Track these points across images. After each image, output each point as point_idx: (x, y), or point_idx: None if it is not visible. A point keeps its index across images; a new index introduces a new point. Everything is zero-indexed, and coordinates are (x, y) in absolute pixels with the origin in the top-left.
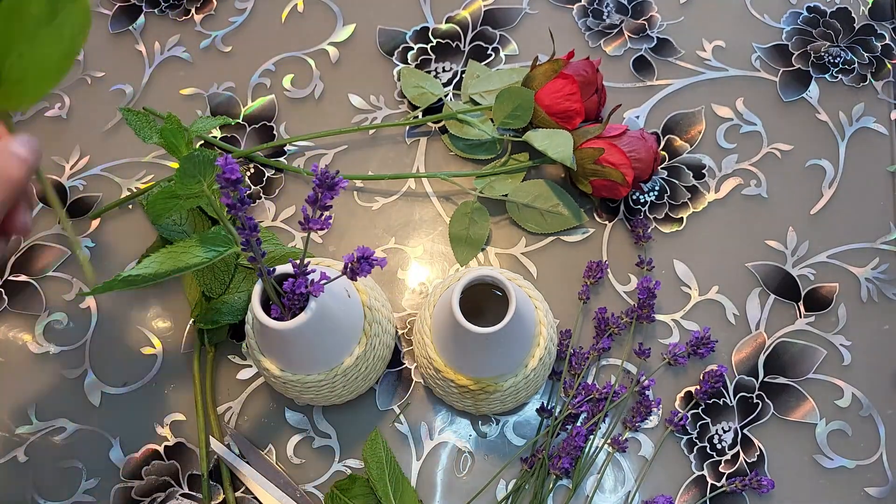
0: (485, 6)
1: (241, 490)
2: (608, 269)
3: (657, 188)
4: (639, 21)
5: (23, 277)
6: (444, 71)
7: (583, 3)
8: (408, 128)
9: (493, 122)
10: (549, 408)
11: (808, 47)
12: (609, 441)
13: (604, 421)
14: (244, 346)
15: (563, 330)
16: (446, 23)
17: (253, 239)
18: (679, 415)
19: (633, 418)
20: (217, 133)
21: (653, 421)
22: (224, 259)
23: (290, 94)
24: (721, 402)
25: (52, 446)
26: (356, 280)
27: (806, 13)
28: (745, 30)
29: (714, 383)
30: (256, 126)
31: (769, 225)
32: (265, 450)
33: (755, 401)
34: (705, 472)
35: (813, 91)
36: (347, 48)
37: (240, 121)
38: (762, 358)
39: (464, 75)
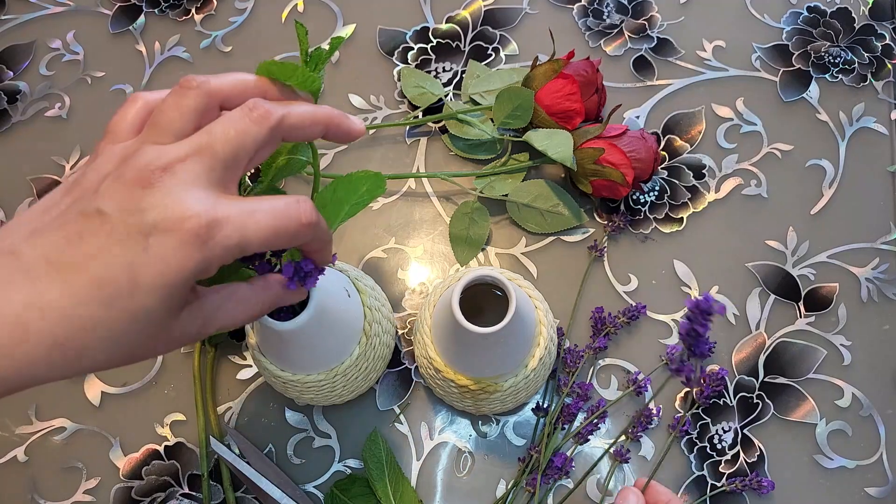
0: (485, 6)
1: (241, 490)
2: (608, 269)
3: (657, 188)
4: (639, 21)
5: None
6: (444, 71)
7: (583, 3)
8: (408, 128)
9: (493, 122)
10: (544, 406)
11: (809, 47)
12: (611, 452)
13: (603, 421)
14: (244, 346)
15: (559, 327)
16: (446, 23)
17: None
18: (682, 420)
19: (634, 429)
20: None
21: (653, 421)
22: None
23: None
24: (721, 402)
25: (52, 446)
26: (305, 287)
27: (806, 13)
28: (745, 30)
29: (715, 386)
30: None
31: (769, 225)
32: (265, 450)
33: (755, 401)
34: (705, 472)
35: (813, 91)
36: (347, 48)
37: None
38: (762, 358)
39: (464, 75)
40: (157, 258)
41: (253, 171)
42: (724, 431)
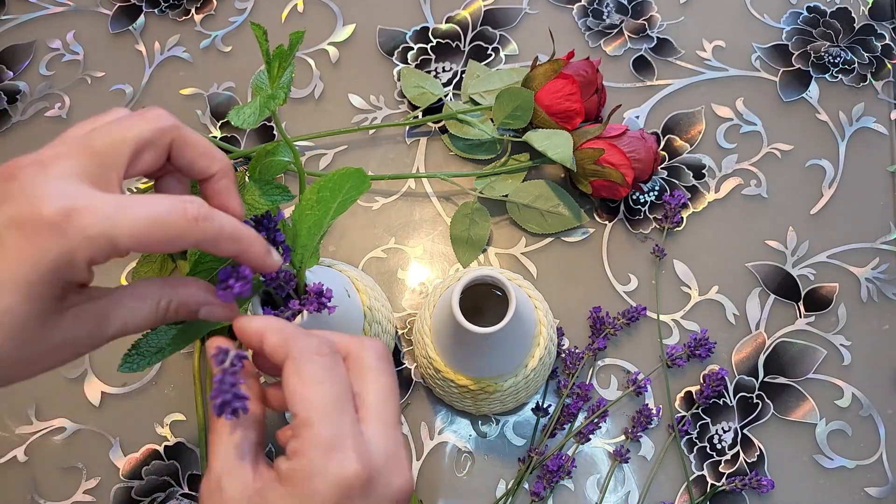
0: (485, 6)
1: None
2: (608, 269)
3: (657, 188)
4: (639, 21)
5: None
6: (444, 71)
7: (583, 3)
8: (408, 128)
9: (493, 122)
10: (544, 406)
11: (808, 47)
12: (611, 452)
13: (603, 420)
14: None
15: (559, 328)
16: (446, 23)
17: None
18: (682, 420)
19: (634, 428)
20: (217, 133)
21: (653, 421)
22: (223, 259)
23: (290, 93)
24: (721, 402)
25: (52, 446)
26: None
27: (806, 13)
28: (745, 30)
29: (715, 386)
30: (256, 126)
31: (769, 225)
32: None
33: (755, 401)
34: (705, 472)
35: (813, 91)
36: (347, 48)
37: None
38: (762, 358)
39: (464, 75)
40: (11, 252)
41: None
42: (724, 431)
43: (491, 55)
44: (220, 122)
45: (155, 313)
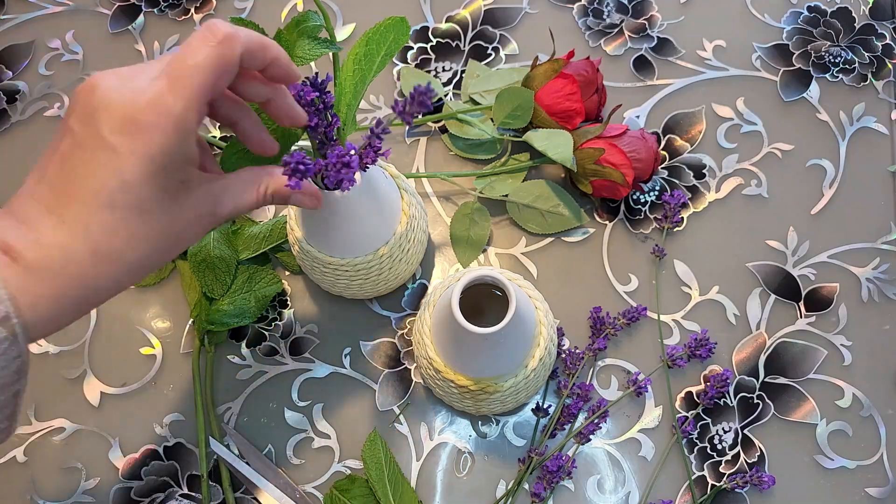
0: (485, 6)
1: (241, 490)
2: (608, 269)
3: (657, 188)
4: (639, 20)
5: None
6: (444, 70)
7: (583, 2)
8: (408, 127)
9: (493, 121)
10: (544, 407)
11: (809, 47)
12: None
13: (604, 420)
14: (244, 345)
15: (559, 328)
16: (446, 22)
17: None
18: (685, 420)
19: (630, 416)
20: (216, 133)
21: (654, 421)
22: (225, 259)
23: None
24: (721, 403)
25: (51, 446)
26: (365, 169)
27: (806, 13)
28: (745, 29)
29: (720, 387)
30: None
31: (770, 225)
32: (265, 450)
33: (756, 401)
34: (706, 473)
35: (813, 91)
36: (347, 48)
37: None
38: (763, 358)
39: (464, 75)
40: (127, 154)
41: None
42: (725, 432)
43: (491, 55)
44: None
45: (257, 197)
